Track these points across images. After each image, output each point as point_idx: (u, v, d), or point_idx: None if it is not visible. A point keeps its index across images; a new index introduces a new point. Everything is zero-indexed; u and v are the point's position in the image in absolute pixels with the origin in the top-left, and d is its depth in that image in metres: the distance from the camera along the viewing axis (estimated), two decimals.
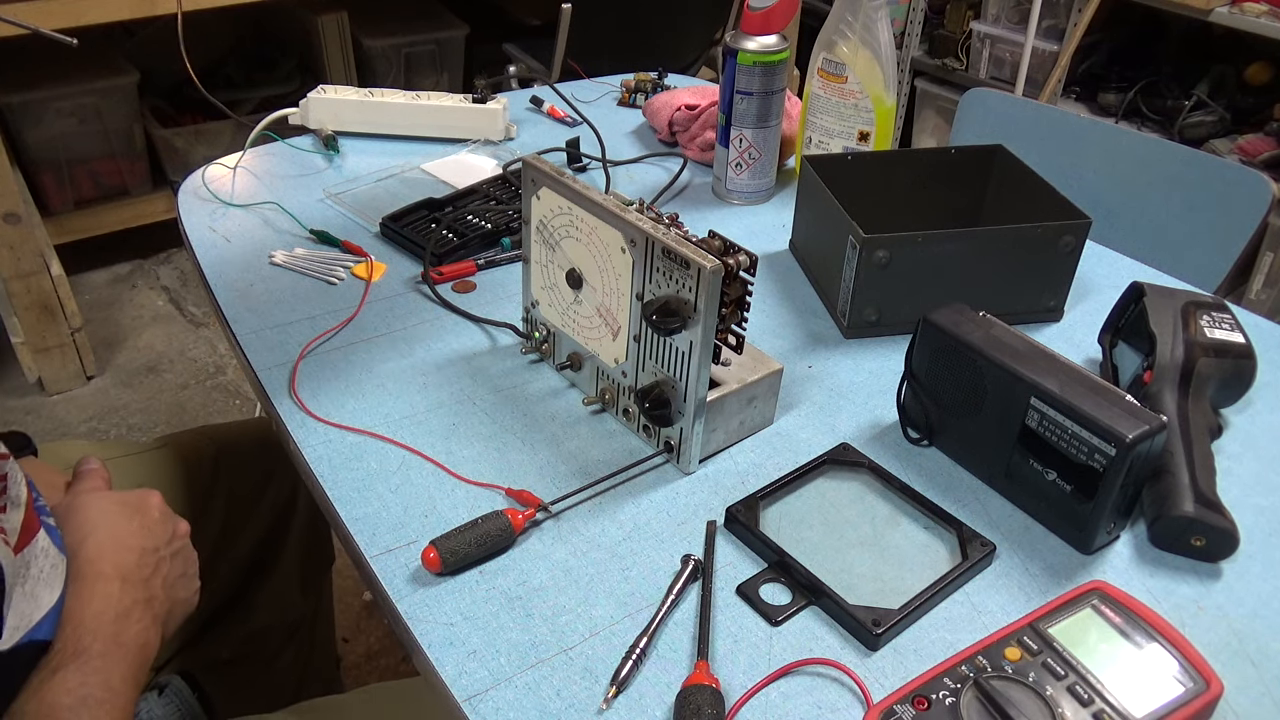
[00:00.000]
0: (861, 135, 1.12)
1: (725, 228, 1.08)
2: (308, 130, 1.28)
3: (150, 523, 0.69)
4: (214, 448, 1.04)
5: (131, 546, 0.66)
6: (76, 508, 0.67)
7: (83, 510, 0.67)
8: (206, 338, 2.33)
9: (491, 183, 1.16)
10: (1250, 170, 1.25)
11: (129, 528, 0.67)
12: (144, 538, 0.67)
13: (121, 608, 0.62)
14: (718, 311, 0.71)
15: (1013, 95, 1.58)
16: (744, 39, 1.06)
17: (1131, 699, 0.57)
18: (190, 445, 1.03)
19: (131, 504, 0.69)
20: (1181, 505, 0.70)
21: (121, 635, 0.61)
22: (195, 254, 1.03)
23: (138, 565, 0.65)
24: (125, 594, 0.63)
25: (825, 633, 0.65)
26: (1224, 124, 2.46)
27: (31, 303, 2.03)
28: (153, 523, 0.69)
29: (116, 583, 0.63)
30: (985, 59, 2.83)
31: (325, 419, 0.81)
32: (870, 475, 0.77)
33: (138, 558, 0.65)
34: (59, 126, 2.28)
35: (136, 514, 0.68)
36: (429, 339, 0.91)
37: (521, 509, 0.71)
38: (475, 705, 0.59)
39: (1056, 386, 0.69)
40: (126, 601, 0.62)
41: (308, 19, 2.57)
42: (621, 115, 1.39)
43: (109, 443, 0.99)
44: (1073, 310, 0.98)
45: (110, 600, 0.62)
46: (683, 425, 0.75)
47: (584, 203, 0.76)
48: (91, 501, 0.68)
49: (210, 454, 1.03)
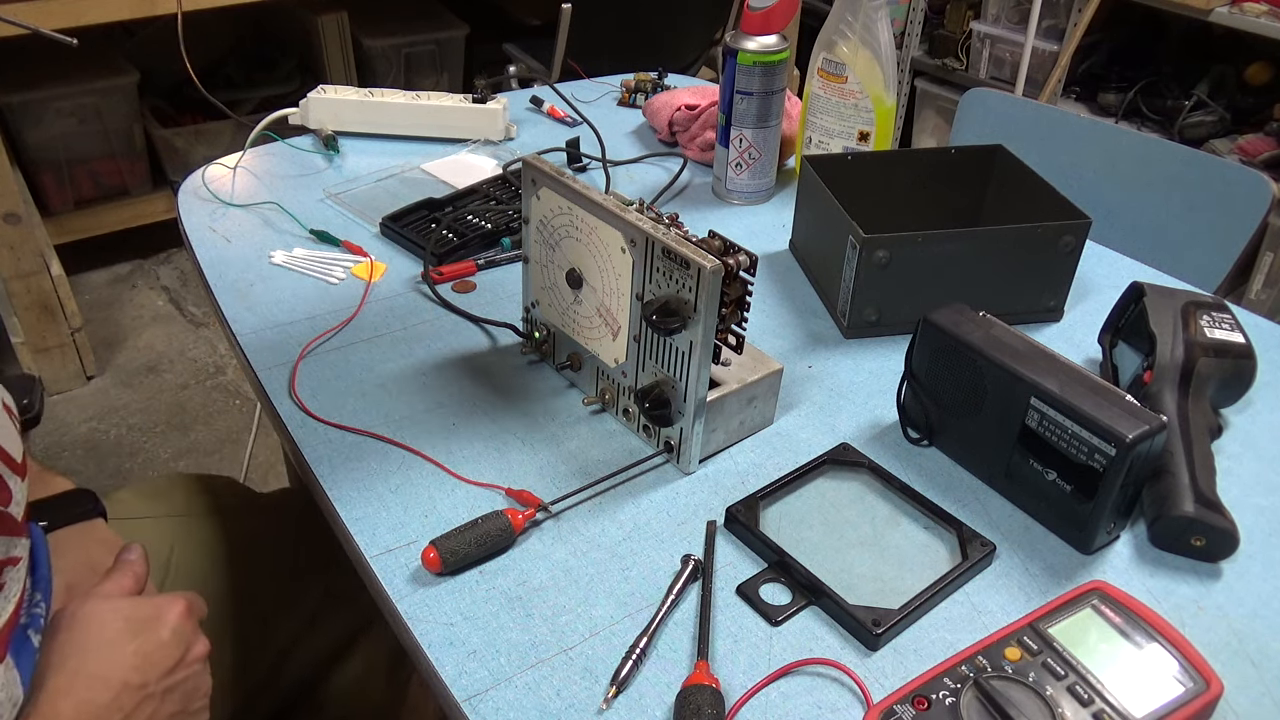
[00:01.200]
0: (861, 135, 1.12)
1: (725, 228, 1.08)
2: (308, 130, 1.28)
3: (153, 644, 0.59)
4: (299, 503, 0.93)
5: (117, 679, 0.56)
6: (76, 618, 0.58)
7: (82, 619, 0.58)
8: (206, 338, 2.33)
9: (491, 183, 1.16)
10: (1250, 170, 1.25)
11: (119, 656, 0.57)
12: (137, 669, 0.57)
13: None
14: (718, 311, 0.71)
15: (1013, 95, 1.58)
16: (744, 39, 1.06)
17: (1131, 699, 0.57)
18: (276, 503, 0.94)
19: (141, 618, 0.60)
20: (1181, 505, 0.70)
21: None
22: (195, 254, 1.03)
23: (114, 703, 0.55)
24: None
25: (825, 633, 0.65)
26: (1224, 124, 2.46)
27: (31, 303, 2.03)
28: (154, 648, 0.59)
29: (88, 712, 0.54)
30: (985, 59, 2.83)
31: (325, 419, 0.81)
32: (870, 475, 0.77)
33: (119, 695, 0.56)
34: (59, 126, 2.28)
35: (141, 632, 0.59)
36: (429, 339, 0.91)
37: (521, 509, 0.71)
38: (475, 705, 0.59)
39: (1056, 386, 0.69)
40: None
41: (308, 19, 2.58)
42: (621, 115, 1.39)
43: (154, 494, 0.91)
44: (1073, 310, 0.98)
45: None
46: (683, 425, 0.75)
47: (584, 203, 0.76)
48: (94, 614, 0.59)
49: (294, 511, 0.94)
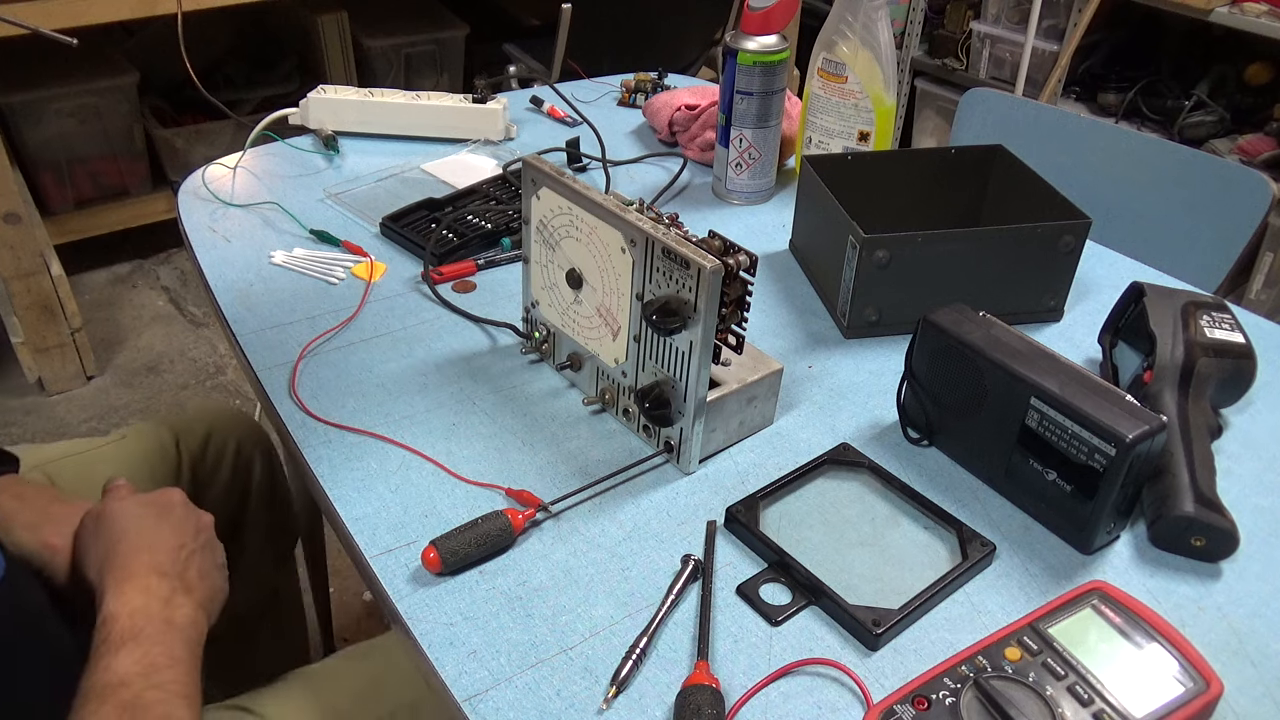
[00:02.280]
0: (861, 135, 1.12)
1: (725, 228, 1.08)
2: (308, 130, 1.28)
3: (176, 520, 0.73)
4: (171, 434, 1.06)
5: (162, 545, 0.70)
6: (107, 515, 0.72)
7: (113, 516, 0.72)
8: (206, 338, 2.33)
9: (491, 183, 1.16)
10: (1250, 170, 1.25)
11: (157, 527, 0.71)
12: (172, 535, 0.71)
13: (163, 596, 0.66)
14: (718, 311, 0.71)
15: (1013, 95, 1.58)
16: (744, 39, 1.06)
17: (1131, 699, 0.57)
18: (151, 434, 1.05)
19: (157, 504, 0.74)
20: (1181, 505, 0.70)
21: (171, 618, 0.65)
22: (195, 254, 1.03)
23: (171, 560, 0.69)
24: (164, 585, 0.67)
25: (825, 633, 0.65)
26: (1224, 124, 2.46)
27: (31, 303, 2.03)
28: (178, 520, 0.73)
29: (154, 577, 0.67)
30: (985, 59, 2.83)
31: (325, 419, 0.81)
32: (870, 475, 0.77)
33: (169, 554, 0.70)
34: (59, 126, 2.28)
35: (161, 513, 0.73)
36: (429, 339, 0.91)
37: (521, 509, 0.71)
38: (475, 705, 0.59)
39: (1056, 386, 0.69)
40: (166, 591, 0.67)
41: (308, 19, 2.57)
42: (621, 115, 1.39)
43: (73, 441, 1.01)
44: (1073, 310, 0.98)
45: (152, 592, 0.66)
46: (683, 425, 0.75)
47: (584, 203, 0.76)
48: (120, 508, 0.72)
49: (170, 440, 1.05)
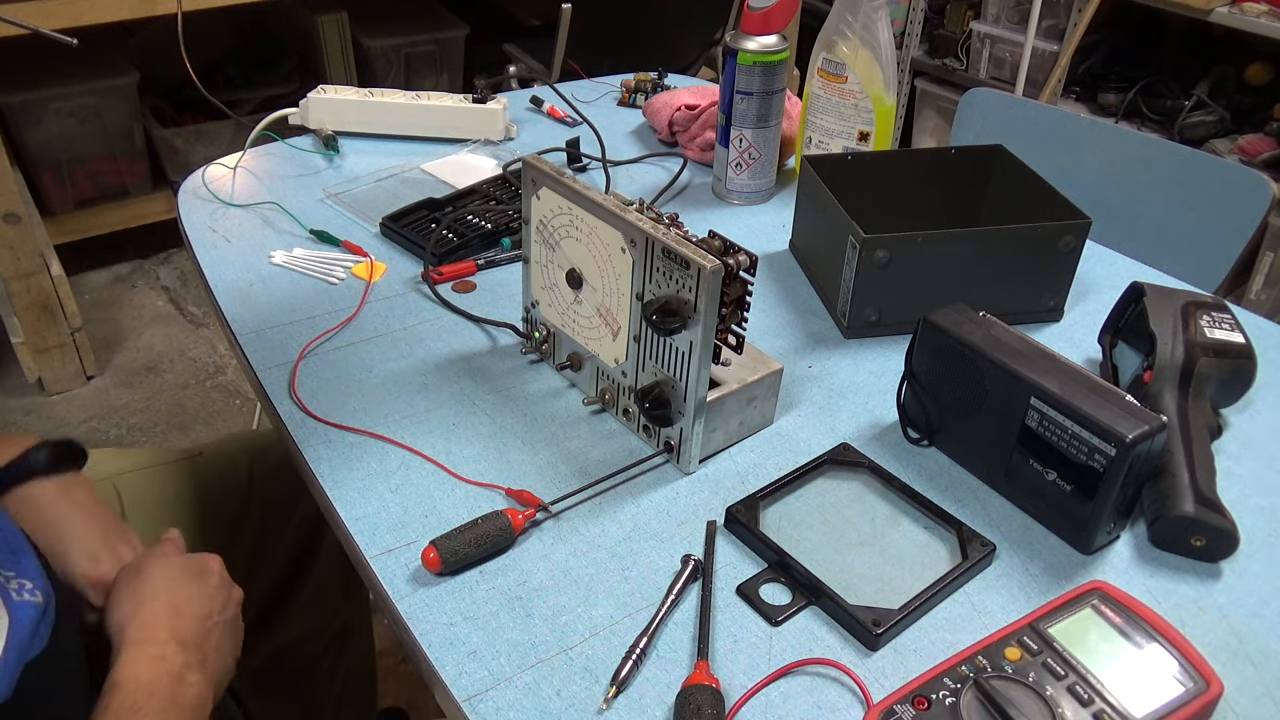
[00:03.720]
0: (861, 135, 1.12)
1: (725, 228, 1.08)
2: (308, 130, 1.28)
3: (209, 589, 0.70)
4: (248, 456, 1.03)
5: (190, 611, 0.67)
6: (142, 570, 0.69)
7: (146, 573, 0.68)
8: (206, 338, 2.33)
9: (491, 183, 1.16)
10: (1250, 170, 1.25)
11: (187, 593, 0.68)
12: (201, 604, 0.68)
13: (177, 669, 0.63)
14: (718, 311, 0.71)
15: (1013, 95, 1.58)
16: (744, 39, 1.06)
17: (1131, 699, 0.57)
18: (225, 454, 1.02)
19: (192, 569, 0.70)
20: (1181, 505, 0.70)
21: (179, 695, 0.62)
22: (195, 254, 1.03)
23: (193, 630, 0.66)
24: (179, 657, 0.64)
25: (825, 633, 0.65)
26: (1224, 124, 2.46)
27: (31, 303, 2.03)
28: (212, 589, 0.70)
29: (173, 646, 0.64)
30: (985, 59, 2.83)
31: (325, 419, 0.81)
32: (870, 475, 0.77)
33: (194, 622, 0.67)
34: (59, 126, 2.28)
35: (196, 579, 0.70)
36: (429, 339, 0.91)
37: (521, 509, 0.71)
38: (475, 705, 0.59)
39: (1056, 386, 0.69)
40: (180, 663, 0.63)
41: (308, 19, 2.57)
42: (621, 115, 1.39)
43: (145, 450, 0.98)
44: (1073, 310, 0.98)
45: (166, 663, 0.63)
46: (683, 425, 0.75)
47: (584, 203, 0.76)
48: (156, 564, 0.69)
49: (245, 462, 1.03)
